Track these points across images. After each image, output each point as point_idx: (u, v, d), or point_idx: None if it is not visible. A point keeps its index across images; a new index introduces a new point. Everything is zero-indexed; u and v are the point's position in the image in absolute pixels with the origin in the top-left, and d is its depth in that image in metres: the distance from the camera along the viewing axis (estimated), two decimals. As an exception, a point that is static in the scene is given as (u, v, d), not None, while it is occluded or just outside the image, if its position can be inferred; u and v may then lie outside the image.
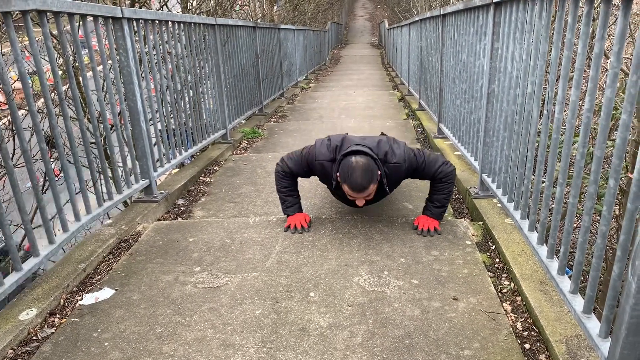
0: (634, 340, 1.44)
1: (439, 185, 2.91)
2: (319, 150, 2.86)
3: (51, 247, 2.42)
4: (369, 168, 2.59)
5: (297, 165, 2.98)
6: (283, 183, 3.03)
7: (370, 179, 2.60)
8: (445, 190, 2.91)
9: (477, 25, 3.50)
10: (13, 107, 2.22)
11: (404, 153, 2.81)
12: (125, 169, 3.22)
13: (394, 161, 2.78)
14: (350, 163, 2.61)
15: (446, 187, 2.90)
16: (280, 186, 3.04)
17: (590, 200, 1.78)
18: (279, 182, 3.04)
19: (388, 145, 2.82)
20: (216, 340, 2.01)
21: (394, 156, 2.78)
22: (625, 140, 1.57)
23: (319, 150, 2.86)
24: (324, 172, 2.88)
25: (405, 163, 2.80)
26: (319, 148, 2.87)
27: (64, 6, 2.50)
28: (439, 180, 2.89)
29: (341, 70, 16.55)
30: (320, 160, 2.85)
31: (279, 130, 6.57)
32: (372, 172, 2.61)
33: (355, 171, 2.58)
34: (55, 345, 2.01)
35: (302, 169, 2.98)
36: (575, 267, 1.88)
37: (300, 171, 2.99)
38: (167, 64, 3.92)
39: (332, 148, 2.83)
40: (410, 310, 2.17)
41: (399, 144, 2.87)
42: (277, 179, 3.05)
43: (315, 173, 2.97)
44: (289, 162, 3.00)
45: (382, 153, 2.77)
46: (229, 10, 8.05)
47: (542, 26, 2.27)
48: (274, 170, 3.08)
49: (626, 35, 1.59)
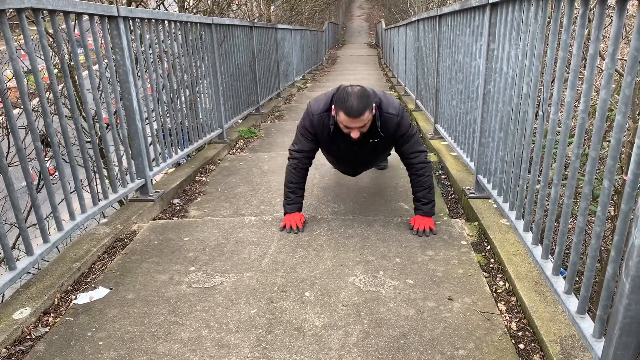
0: (627, 341, 1.45)
1: (418, 179, 2.94)
2: (315, 105, 2.91)
3: (46, 246, 2.41)
4: (365, 94, 2.62)
5: (302, 139, 2.99)
6: (291, 177, 3.03)
7: (365, 104, 2.61)
8: (426, 184, 2.93)
9: (473, 25, 3.50)
10: (8, 106, 2.21)
11: (399, 107, 2.86)
12: (121, 168, 3.21)
13: (389, 111, 2.81)
14: (346, 90, 2.64)
15: (425, 180, 2.93)
16: (288, 180, 3.04)
17: (585, 201, 1.79)
18: (288, 176, 3.04)
19: (383, 95, 2.87)
20: (211, 340, 2.01)
21: (389, 106, 2.82)
22: (620, 141, 1.57)
23: (315, 105, 2.91)
24: (323, 126, 2.89)
25: (399, 117, 2.83)
26: (314, 103, 2.92)
27: (60, 4, 2.49)
28: (416, 169, 2.93)
29: (338, 70, 16.56)
30: (318, 113, 2.87)
31: (276, 130, 6.57)
32: (368, 99, 2.63)
33: (351, 96, 2.60)
34: (49, 345, 2.01)
35: (307, 139, 2.98)
36: (569, 268, 1.89)
37: (307, 143, 2.98)
38: (163, 63, 3.91)
39: (328, 98, 2.86)
40: (405, 310, 2.17)
41: (394, 98, 2.92)
42: (287, 172, 3.06)
43: (318, 133, 2.95)
44: (295, 147, 3.03)
45: (377, 99, 2.80)
46: (226, 10, 8.04)
47: (537, 27, 2.27)
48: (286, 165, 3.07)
49: (621, 37, 1.60)
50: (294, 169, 3.02)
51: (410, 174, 2.99)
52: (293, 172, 3.02)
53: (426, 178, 2.94)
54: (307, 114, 2.94)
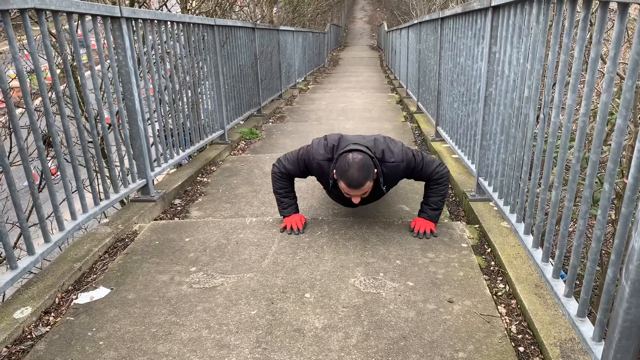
0: (627, 344, 1.45)
1: (434, 187, 2.91)
2: (316, 150, 2.87)
3: (47, 246, 2.42)
4: (365, 165, 2.60)
5: (294, 166, 2.98)
6: (279, 184, 3.03)
7: (366, 175, 2.60)
8: (441, 192, 2.91)
9: (475, 28, 3.51)
10: (10, 105, 2.22)
11: (402, 152, 2.82)
12: (122, 168, 3.22)
13: (392, 160, 2.78)
14: (347, 160, 2.61)
15: (441, 188, 2.91)
16: (277, 187, 3.04)
17: (585, 205, 1.79)
18: (276, 184, 3.04)
19: (385, 144, 2.83)
20: (211, 341, 2.01)
21: (392, 155, 2.79)
22: (621, 144, 1.57)
23: (316, 150, 2.87)
24: (321, 172, 2.89)
25: (404, 162, 2.80)
26: (316, 148, 2.88)
27: (63, 5, 2.50)
28: (435, 181, 2.90)
29: (340, 72, 16.57)
30: (318, 160, 2.85)
31: (277, 131, 6.58)
32: (369, 169, 2.61)
33: (352, 167, 2.58)
34: (49, 344, 2.01)
35: (299, 169, 2.98)
36: (569, 271, 1.89)
37: (297, 171, 2.99)
38: (165, 64, 3.92)
39: (329, 148, 2.84)
40: (405, 312, 2.17)
41: (396, 142, 2.88)
42: (273, 180, 3.05)
43: (312, 173, 2.97)
44: (285, 163, 3.00)
45: (380, 152, 2.78)
46: (228, 11, 8.06)
47: (539, 30, 2.28)
48: (271, 171, 3.07)
49: (623, 40, 1.60)
50: (279, 176, 3.01)
51: (428, 182, 2.96)
52: (279, 179, 3.02)
53: (443, 187, 2.92)
54: (308, 154, 2.91)
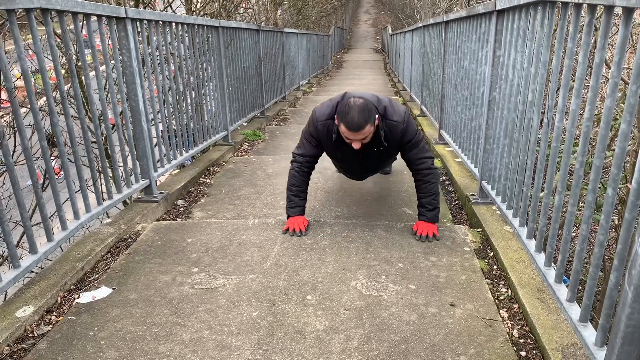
0: (629, 350, 1.44)
1: (423, 185, 2.93)
2: (320, 112, 2.91)
3: (50, 245, 2.43)
4: (366, 107, 2.61)
5: (306, 145, 3.00)
6: (294, 180, 3.03)
7: (367, 118, 2.61)
8: (431, 190, 2.93)
9: (479, 32, 3.51)
10: (15, 105, 2.22)
11: (405, 115, 2.85)
12: (126, 169, 3.23)
13: (394, 119, 2.80)
14: (348, 103, 2.63)
15: (430, 187, 2.92)
16: (291, 184, 3.05)
17: (588, 209, 1.78)
18: (291, 180, 3.05)
19: (389, 103, 2.85)
20: (212, 341, 2.01)
21: (394, 113, 2.81)
22: (624, 149, 1.57)
23: (320, 112, 2.91)
24: (328, 133, 2.89)
25: (404, 124, 2.82)
26: (319, 110, 2.93)
27: (68, 5, 2.51)
28: (422, 175, 2.92)
29: (344, 74, 16.58)
30: (322, 120, 2.88)
31: (280, 133, 6.58)
32: (370, 112, 2.62)
33: (353, 109, 2.60)
34: (51, 343, 2.01)
35: (311, 144, 2.99)
36: (572, 276, 1.88)
37: (311, 149, 3.00)
38: (169, 64, 3.93)
39: (332, 105, 2.87)
40: (407, 316, 2.17)
41: (400, 105, 2.91)
42: (290, 176, 3.06)
43: (321, 139, 2.96)
44: (298, 150, 3.04)
45: (382, 108, 2.80)
46: (232, 13, 8.08)
47: (543, 35, 2.28)
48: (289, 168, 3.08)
49: (627, 46, 1.60)
50: (296, 172, 3.03)
51: (415, 180, 2.98)
52: (296, 175, 3.03)
53: (432, 185, 2.93)
54: (312, 120, 2.95)
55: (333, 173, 4.20)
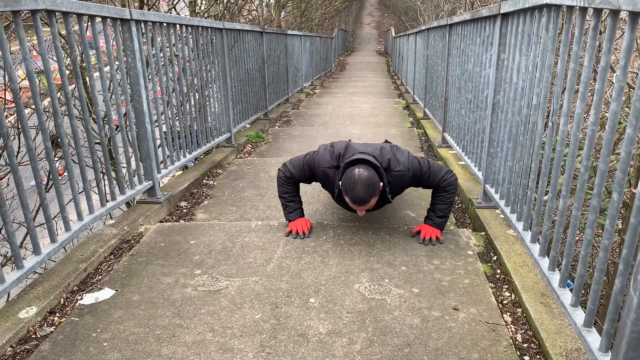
0: (634, 355, 1.43)
1: (442, 194, 2.90)
2: (322, 157, 2.86)
3: (53, 246, 2.43)
4: (371, 182, 2.59)
5: (299, 171, 2.98)
6: (285, 189, 3.03)
7: (372, 193, 2.60)
8: (448, 200, 2.90)
9: (483, 35, 3.50)
10: (20, 106, 2.23)
11: (408, 161, 2.81)
12: (129, 170, 3.23)
13: (398, 169, 2.77)
14: (353, 176, 2.60)
15: (449, 196, 2.90)
16: (282, 192, 3.04)
17: (593, 214, 1.78)
18: (281, 188, 3.04)
19: (391, 153, 2.82)
20: (215, 344, 2.01)
21: (398, 164, 2.78)
22: (630, 154, 1.56)
23: (322, 157, 2.86)
24: (327, 179, 2.88)
25: (409, 172, 2.80)
26: (322, 155, 2.87)
27: (73, 7, 2.52)
28: (443, 189, 2.89)
29: (347, 77, 16.59)
30: (323, 167, 2.85)
31: (284, 135, 6.59)
32: (374, 186, 2.60)
33: (357, 185, 2.58)
34: (54, 344, 2.01)
35: (304, 175, 2.98)
36: (576, 280, 1.87)
37: (302, 177, 3.00)
38: (173, 66, 3.94)
39: (335, 155, 2.84)
40: (410, 319, 2.16)
41: (402, 151, 2.87)
42: (279, 185, 3.05)
43: (318, 180, 2.97)
44: (291, 168, 3.01)
45: (386, 161, 2.77)
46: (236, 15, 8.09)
47: (548, 38, 2.27)
48: (276, 175, 3.08)
49: (633, 49, 1.59)
50: (284, 181, 3.02)
51: (435, 190, 2.96)
52: (285, 183, 3.03)
53: (450, 195, 2.90)
54: (314, 161, 2.92)
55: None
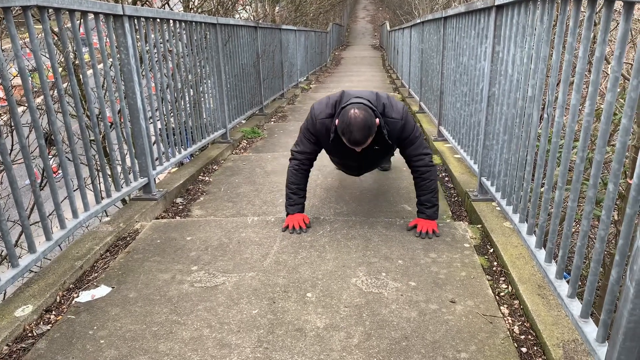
0: (631, 345, 1.43)
1: (422, 183, 2.93)
2: (319, 109, 2.91)
3: (48, 244, 2.41)
4: (366, 123, 2.61)
5: (304, 142, 3.00)
6: (293, 178, 3.03)
7: (367, 134, 2.63)
8: (430, 187, 2.92)
9: (478, 28, 3.49)
10: (12, 103, 2.21)
11: (403, 111, 2.86)
12: (124, 167, 3.21)
13: (393, 115, 2.81)
14: (349, 116, 2.62)
15: (429, 184, 2.92)
16: (290, 182, 3.04)
17: (589, 205, 1.78)
18: (290, 177, 3.04)
19: (387, 100, 2.87)
20: (212, 340, 2.01)
21: (392, 110, 2.83)
22: (625, 144, 1.56)
23: (319, 109, 2.91)
24: (326, 132, 2.90)
25: (402, 120, 2.84)
26: (318, 107, 2.92)
27: (65, 2, 2.50)
28: (420, 173, 2.92)
29: (342, 71, 16.56)
30: (321, 118, 2.88)
31: (279, 130, 6.57)
32: (370, 127, 2.63)
33: (353, 126, 2.60)
34: (50, 342, 2.01)
35: (310, 142, 2.99)
36: (573, 272, 1.88)
37: (309, 146, 3.00)
38: (167, 62, 3.92)
39: (331, 104, 2.87)
40: (407, 312, 2.17)
41: (398, 102, 2.92)
42: (288, 173, 3.05)
43: (320, 137, 2.96)
44: (297, 147, 3.04)
45: (381, 105, 2.81)
46: (230, 10, 8.05)
47: (543, 30, 2.27)
48: (288, 165, 3.08)
49: (627, 40, 1.59)
50: (295, 170, 3.02)
51: (414, 177, 2.97)
52: (294, 172, 3.02)
53: (430, 182, 2.92)
54: (310, 117, 2.95)
55: (332, 170, 4.19)
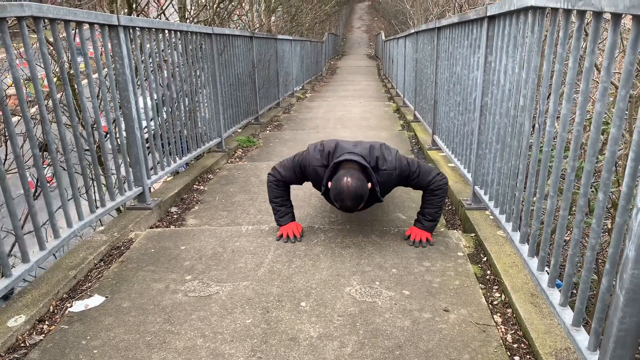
0: (621, 354, 1.45)
1: (431, 198, 2.92)
2: (312, 156, 2.89)
3: (42, 254, 2.41)
4: (358, 192, 2.60)
5: (290, 172, 2.99)
6: (275, 193, 3.03)
7: (359, 201, 2.64)
8: (438, 203, 2.92)
9: (471, 38, 3.53)
10: (7, 113, 2.22)
11: (395, 160, 2.84)
12: (119, 176, 3.21)
13: (384, 168, 2.81)
14: (341, 185, 2.60)
15: (438, 200, 2.91)
16: (273, 196, 3.04)
17: (580, 213, 1.79)
18: (272, 192, 3.04)
19: (380, 152, 2.85)
20: (206, 349, 2.00)
21: (385, 163, 2.81)
22: (615, 153, 1.58)
23: (312, 156, 2.89)
24: (317, 178, 2.90)
25: (396, 170, 2.82)
26: (312, 153, 2.90)
27: (60, 13, 2.51)
28: (432, 191, 2.90)
29: (337, 80, 16.62)
30: (314, 165, 2.87)
31: (274, 139, 6.58)
32: (362, 195, 2.63)
33: (345, 194, 2.59)
34: (43, 353, 2.00)
35: (295, 176, 2.99)
36: (565, 280, 1.89)
37: (293, 178, 3.00)
38: (163, 72, 3.93)
39: (325, 154, 2.87)
40: (401, 321, 2.17)
41: (391, 150, 2.90)
42: (269, 189, 3.05)
43: (309, 178, 2.98)
44: (281, 170, 3.01)
45: (374, 159, 2.81)
46: (226, 20, 8.08)
47: (534, 40, 2.29)
48: (267, 180, 3.08)
49: (616, 51, 1.61)
50: (275, 185, 3.02)
51: (424, 193, 2.97)
52: (275, 188, 3.02)
53: (440, 199, 2.92)
54: (304, 158, 2.94)
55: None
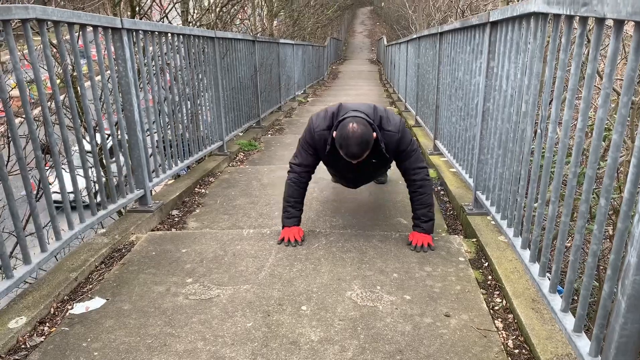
0: (623, 360, 1.44)
1: (418, 197, 2.95)
2: (317, 122, 2.94)
3: (43, 255, 2.41)
4: (364, 137, 2.65)
5: (303, 154, 3.02)
6: (291, 192, 3.04)
7: (365, 147, 2.68)
8: (426, 202, 2.94)
9: (473, 43, 3.54)
10: (10, 115, 2.22)
11: (400, 124, 2.90)
12: (120, 179, 3.22)
13: (389, 129, 2.85)
14: (346, 130, 2.66)
15: (426, 198, 2.94)
16: (288, 194, 3.05)
17: (582, 219, 1.79)
18: (288, 190, 3.05)
19: (384, 112, 2.91)
20: (206, 352, 2.00)
21: (389, 123, 2.86)
22: (616, 160, 1.58)
23: (317, 122, 2.94)
24: (324, 143, 2.92)
25: (399, 134, 2.87)
26: (316, 120, 2.96)
27: (64, 16, 2.52)
28: (417, 187, 2.94)
29: (339, 85, 16.64)
30: (319, 130, 2.91)
31: (276, 143, 6.59)
32: (368, 141, 2.67)
33: (351, 139, 2.64)
34: (43, 354, 2.00)
35: (308, 153, 3.01)
36: (566, 286, 1.89)
37: (308, 157, 3.02)
38: (165, 75, 3.94)
39: (328, 116, 2.91)
40: (402, 326, 2.17)
41: (395, 114, 2.96)
42: (286, 186, 3.07)
43: (318, 148, 2.98)
44: (295, 160, 3.06)
45: (378, 119, 2.85)
46: (229, 24, 8.11)
47: (536, 46, 2.30)
48: (286, 179, 3.08)
49: (618, 57, 1.62)
50: (293, 182, 3.03)
51: (410, 192, 2.99)
52: (292, 186, 3.03)
53: (427, 196, 2.94)
54: (308, 128, 2.98)
55: (329, 183, 4.20)
